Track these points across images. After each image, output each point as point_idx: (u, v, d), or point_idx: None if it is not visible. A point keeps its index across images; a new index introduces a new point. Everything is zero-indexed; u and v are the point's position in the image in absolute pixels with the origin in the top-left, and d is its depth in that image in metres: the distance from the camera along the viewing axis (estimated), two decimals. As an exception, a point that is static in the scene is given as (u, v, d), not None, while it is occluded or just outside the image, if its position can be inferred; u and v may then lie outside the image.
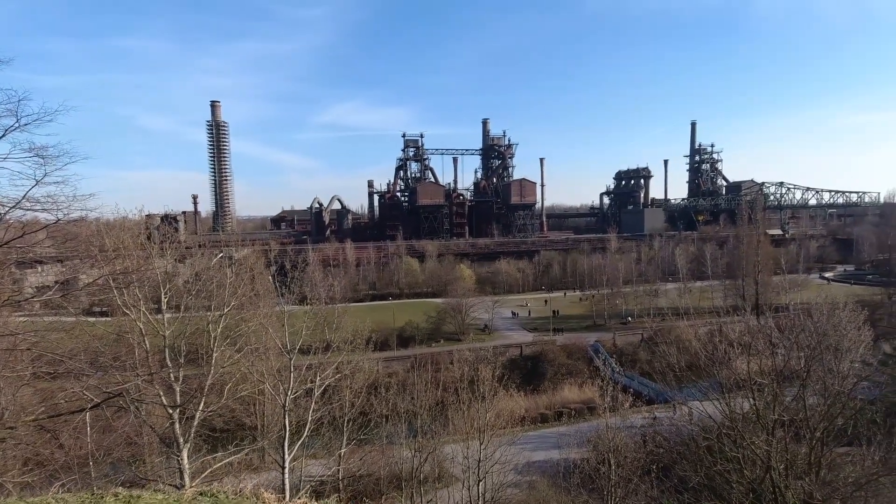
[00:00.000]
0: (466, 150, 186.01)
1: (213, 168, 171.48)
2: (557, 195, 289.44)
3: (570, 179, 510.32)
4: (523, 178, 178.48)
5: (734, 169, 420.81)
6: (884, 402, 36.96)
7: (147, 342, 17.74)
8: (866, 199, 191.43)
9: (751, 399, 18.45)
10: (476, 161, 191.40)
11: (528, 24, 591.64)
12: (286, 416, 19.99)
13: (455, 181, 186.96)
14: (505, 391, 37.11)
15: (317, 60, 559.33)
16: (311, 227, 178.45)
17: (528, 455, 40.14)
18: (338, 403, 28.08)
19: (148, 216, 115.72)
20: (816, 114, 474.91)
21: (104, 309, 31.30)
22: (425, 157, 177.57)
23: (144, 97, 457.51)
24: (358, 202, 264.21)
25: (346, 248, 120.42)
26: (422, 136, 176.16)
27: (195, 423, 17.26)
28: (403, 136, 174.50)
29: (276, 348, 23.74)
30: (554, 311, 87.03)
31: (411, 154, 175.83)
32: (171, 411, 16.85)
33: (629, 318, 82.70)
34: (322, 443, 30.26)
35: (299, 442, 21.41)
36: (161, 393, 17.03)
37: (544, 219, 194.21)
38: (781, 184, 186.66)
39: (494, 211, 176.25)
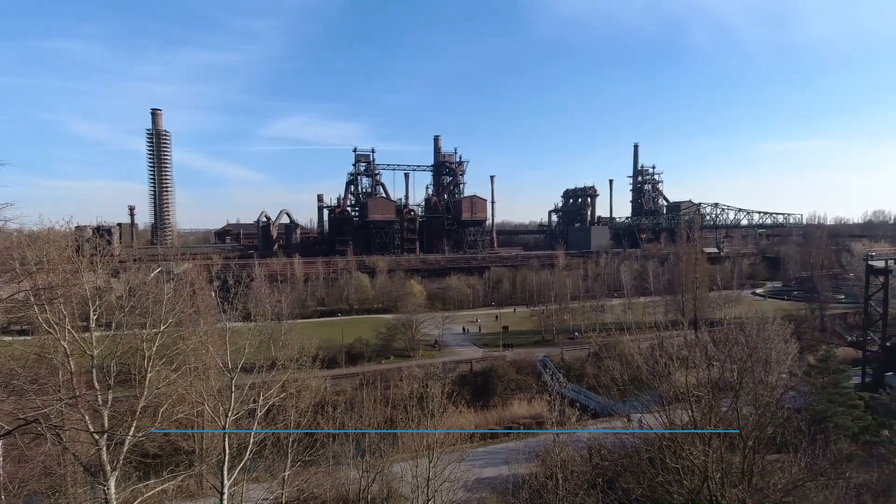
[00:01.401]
0: (418, 166, 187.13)
1: (153, 178, 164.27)
2: (507, 212, 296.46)
3: (519, 197, 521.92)
4: (474, 195, 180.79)
5: (674, 189, 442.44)
6: (808, 410, 39.44)
7: (72, 363, 16.49)
8: (791, 221, 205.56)
9: (689, 411, 19.20)
10: (427, 177, 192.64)
11: (480, 47, 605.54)
12: (225, 438, 19.03)
13: (406, 197, 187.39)
14: (454, 407, 37.00)
15: (265, 73, 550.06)
16: (257, 241, 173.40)
17: (477, 472, 39.95)
18: (282, 423, 27.04)
19: (78, 227, 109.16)
20: (743, 140, 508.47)
21: (24, 327, 28.98)
22: (377, 172, 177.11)
23: (77, 103, 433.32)
24: (307, 216, 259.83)
25: (295, 263, 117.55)
26: (373, 152, 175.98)
27: (125, 449, 16.12)
28: (355, 150, 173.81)
29: (216, 367, 22.69)
30: (504, 327, 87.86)
31: (362, 169, 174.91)
32: (97, 437, 15.67)
33: (577, 334, 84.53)
34: (265, 465, 28.98)
35: (240, 465, 20.39)
36: (86, 417, 15.82)
37: (494, 235, 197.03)
38: (716, 205, 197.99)
39: (445, 227, 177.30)
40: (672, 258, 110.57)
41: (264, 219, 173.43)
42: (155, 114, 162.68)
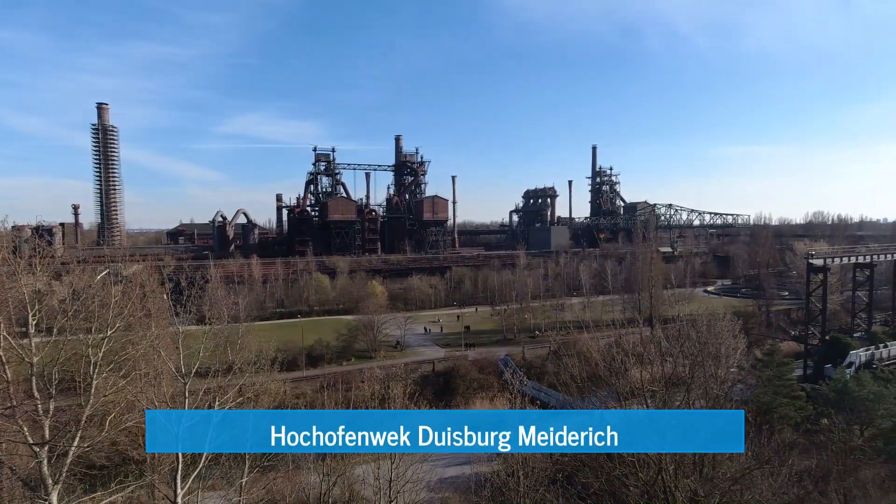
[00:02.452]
0: (379, 165, 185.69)
1: (99, 176, 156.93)
2: (469, 212, 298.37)
3: (481, 197, 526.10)
4: (436, 195, 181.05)
5: (631, 191, 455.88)
6: (755, 402, 41.32)
7: (8, 371, 15.52)
8: (739, 222, 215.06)
9: (645, 405, 19.82)
10: (388, 177, 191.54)
11: (440, 48, 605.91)
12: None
13: (367, 197, 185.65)
14: (416, 408, 36.86)
15: (220, 68, 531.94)
16: (213, 241, 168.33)
17: (440, 472, 40.00)
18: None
19: (15, 227, 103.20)
20: (696, 144, 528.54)
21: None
22: (337, 171, 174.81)
23: (10, 95, 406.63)
24: (265, 216, 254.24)
25: (252, 264, 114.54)
26: (333, 151, 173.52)
27: (68, 461, 15.29)
28: (314, 149, 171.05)
29: (169, 372, 21.83)
30: (466, 327, 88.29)
31: (322, 168, 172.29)
32: (36, 449, 14.81)
33: (537, 332, 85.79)
34: (221, 472, 28.10)
35: (195, 473, 19.70)
36: (25, 429, 14.93)
37: (456, 235, 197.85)
38: (670, 205, 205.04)
39: (407, 227, 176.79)
40: (629, 257, 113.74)
41: (220, 219, 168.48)
42: (101, 108, 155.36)
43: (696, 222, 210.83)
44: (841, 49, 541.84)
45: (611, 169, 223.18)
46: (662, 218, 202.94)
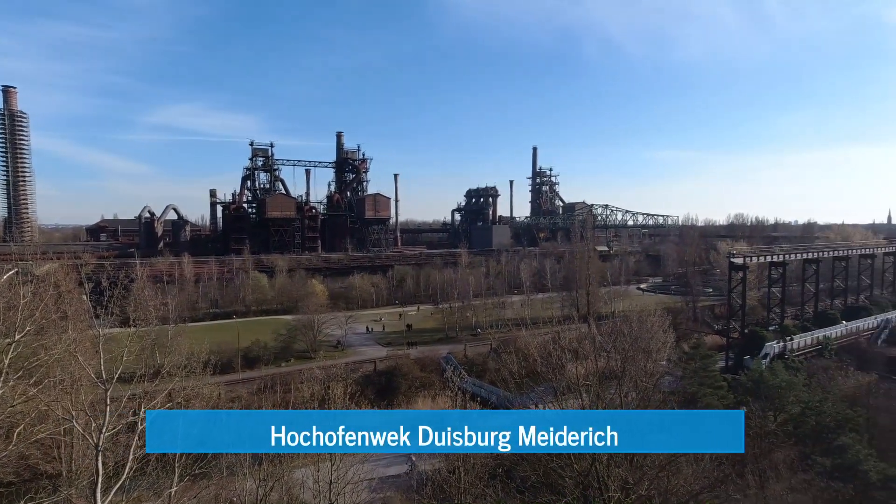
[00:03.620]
0: (320, 162, 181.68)
1: (6, 166, 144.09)
2: (412, 211, 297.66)
3: (423, 196, 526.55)
4: (378, 193, 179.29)
5: (570, 191, 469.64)
6: (682, 392, 43.73)
7: None
8: (669, 222, 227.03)
9: (580, 399, 20.52)
10: (329, 174, 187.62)
11: (383, 45, 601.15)
12: (99, 458, 17.11)
13: (307, 194, 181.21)
14: (357, 408, 36.33)
15: (148, 54, 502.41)
16: (139, 239, 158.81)
17: (382, 471, 39.73)
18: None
19: None
20: (630, 147, 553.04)
21: None
22: (275, 167, 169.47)
23: None
24: (198, 213, 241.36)
25: (184, 263, 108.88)
26: (272, 146, 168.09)
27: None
28: (251, 144, 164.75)
29: (88, 378, 20.35)
30: (408, 325, 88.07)
31: (260, 164, 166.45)
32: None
33: (479, 330, 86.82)
34: (148, 483, 26.54)
35: (118, 485, 18.45)
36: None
37: (398, 234, 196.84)
38: (607, 206, 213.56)
39: (348, 225, 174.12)
40: (567, 256, 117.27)
41: (147, 214, 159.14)
42: (7, 91, 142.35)
43: (631, 222, 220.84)
44: (758, 64, 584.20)
45: (550, 170, 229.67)
46: (599, 218, 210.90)
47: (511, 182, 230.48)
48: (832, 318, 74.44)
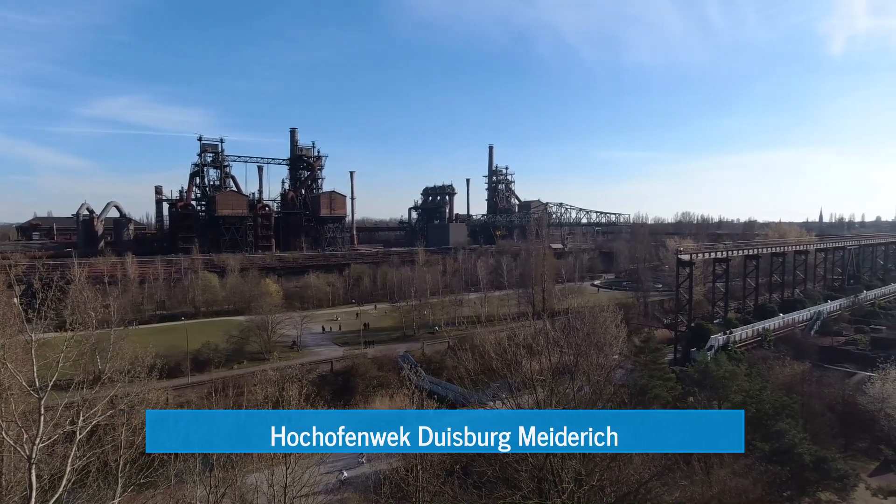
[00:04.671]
0: (273, 159, 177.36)
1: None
2: (368, 209, 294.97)
3: (380, 194, 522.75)
4: (333, 191, 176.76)
5: (526, 189, 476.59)
6: (633, 385, 45.24)
7: None
8: (621, 220, 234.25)
9: (534, 394, 20.90)
10: (283, 171, 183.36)
11: (338, 41, 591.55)
12: (32, 471, 16.09)
13: (260, 191, 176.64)
14: (312, 409, 35.66)
15: (84, 43, 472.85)
16: (76, 238, 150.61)
17: (339, 472, 39.32)
18: (111, 444, 23.69)
19: None
20: (583, 146, 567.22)
21: None
22: (226, 163, 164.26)
23: None
24: (143, 211, 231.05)
25: (127, 263, 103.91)
26: (222, 142, 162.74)
27: None
28: (200, 139, 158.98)
29: (20, 387, 19.07)
30: (365, 325, 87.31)
31: (209, 160, 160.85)
32: None
33: (436, 328, 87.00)
34: (88, 495, 25.18)
35: (53, 499, 17.41)
36: None
37: (355, 232, 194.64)
38: (561, 204, 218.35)
39: (303, 223, 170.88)
40: (523, 254, 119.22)
41: (86, 212, 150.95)
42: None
43: (584, 220, 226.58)
44: (702, 69, 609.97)
45: (506, 168, 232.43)
46: (554, 216, 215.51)
47: (468, 180, 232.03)
48: (770, 310, 78.65)
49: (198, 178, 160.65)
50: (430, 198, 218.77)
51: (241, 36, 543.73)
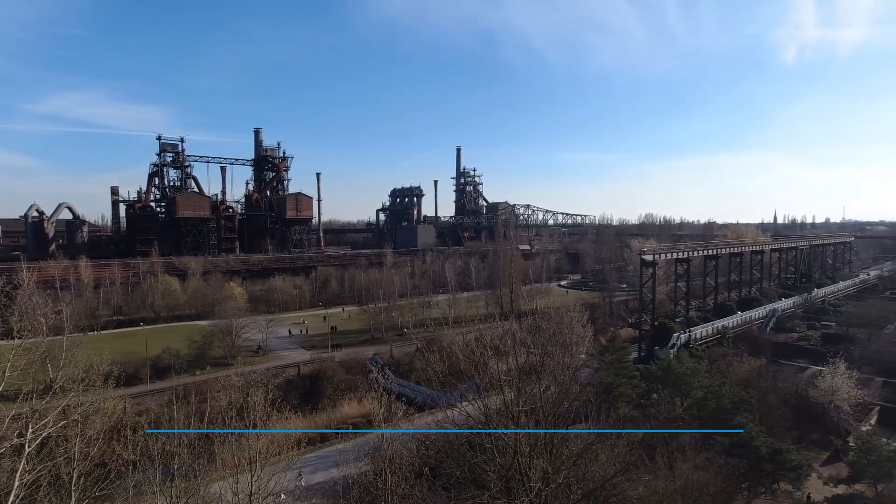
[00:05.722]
0: (236, 159, 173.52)
1: None
2: (335, 211, 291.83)
3: (347, 195, 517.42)
4: (299, 192, 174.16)
5: (493, 191, 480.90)
6: (600, 384, 46.02)
7: None
8: (587, 221, 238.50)
9: (502, 395, 21.03)
10: (247, 172, 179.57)
11: (303, 40, 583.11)
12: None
13: (224, 192, 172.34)
14: (280, 415, 35.03)
15: (32, 36, 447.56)
16: (25, 240, 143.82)
17: (307, 478, 38.59)
18: (64, 457, 22.63)
19: None
20: (549, 148, 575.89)
21: None
22: (187, 164, 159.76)
23: None
24: (98, 212, 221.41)
25: (81, 267, 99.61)
26: (182, 141, 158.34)
27: None
28: (159, 138, 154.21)
29: (-38, 398, 18.05)
30: (332, 327, 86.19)
31: (169, 160, 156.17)
32: None
33: (405, 330, 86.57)
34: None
35: (-1, 516, 16.51)
36: None
37: (321, 234, 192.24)
38: (528, 206, 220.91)
39: (269, 225, 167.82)
40: (491, 255, 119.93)
41: (35, 213, 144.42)
42: None
43: (551, 222, 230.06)
44: (663, 74, 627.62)
45: (474, 170, 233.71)
46: (521, 217, 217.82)
47: (436, 182, 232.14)
48: (729, 309, 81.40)
49: (157, 179, 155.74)
50: (398, 199, 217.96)
51: (202, 33, 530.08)
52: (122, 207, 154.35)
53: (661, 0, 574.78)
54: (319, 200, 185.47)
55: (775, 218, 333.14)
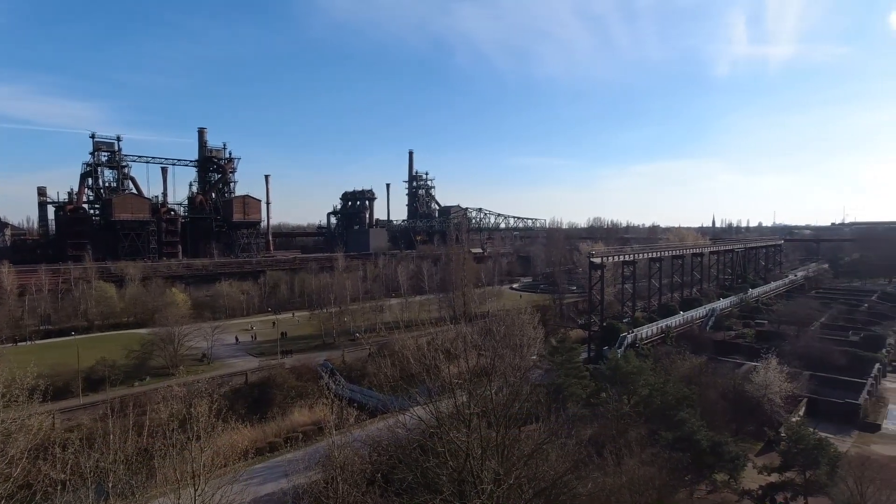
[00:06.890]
0: (179, 160, 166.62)
1: None
2: (285, 214, 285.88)
3: (297, 198, 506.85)
4: (247, 195, 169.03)
5: (446, 195, 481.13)
6: (550, 384, 46.82)
7: None
8: (538, 225, 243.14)
9: (453, 398, 20.97)
10: (191, 174, 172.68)
11: (250, 40, 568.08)
12: None
13: (165, 194, 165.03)
14: (226, 425, 33.69)
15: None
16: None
17: (255, 490, 37.16)
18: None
19: None
20: (499, 153, 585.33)
21: None
22: (124, 164, 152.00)
23: None
24: (22, 214, 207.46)
25: (3, 272, 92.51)
26: (119, 140, 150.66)
27: None
28: (93, 136, 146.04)
29: None
30: (282, 333, 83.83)
31: (104, 159, 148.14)
32: None
33: (357, 335, 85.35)
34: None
35: None
36: None
37: (270, 238, 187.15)
38: (480, 209, 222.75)
39: (214, 229, 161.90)
40: (444, 258, 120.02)
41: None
42: None
43: (503, 225, 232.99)
44: (607, 83, 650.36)
45: (427, 174, 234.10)
46: (474, 221, 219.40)
47: (388, 185, 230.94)
48: (672, 309, 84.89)
49: (90, 179, 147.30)
50: (350, 202, 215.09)
51: (137, 27, 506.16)
52: (51, 209, 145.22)
53: (605, 13, 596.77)
54: (268, 203, 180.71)
55: (713, 222, 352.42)
